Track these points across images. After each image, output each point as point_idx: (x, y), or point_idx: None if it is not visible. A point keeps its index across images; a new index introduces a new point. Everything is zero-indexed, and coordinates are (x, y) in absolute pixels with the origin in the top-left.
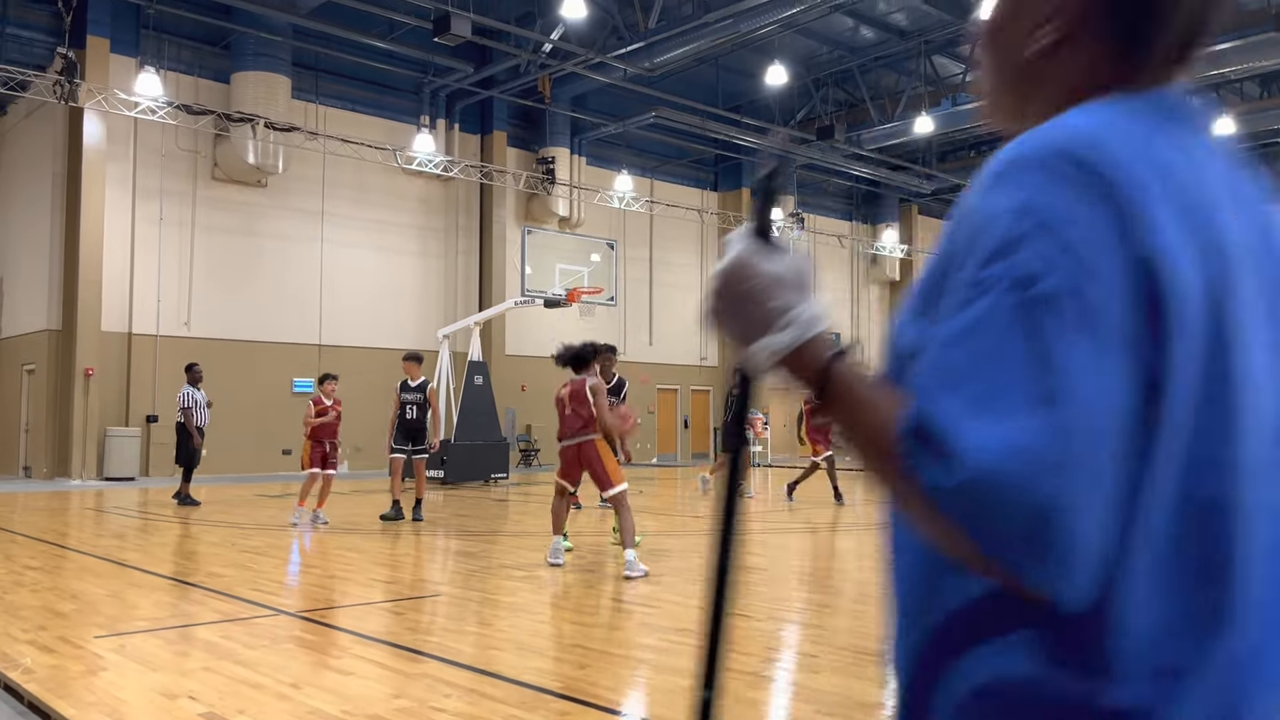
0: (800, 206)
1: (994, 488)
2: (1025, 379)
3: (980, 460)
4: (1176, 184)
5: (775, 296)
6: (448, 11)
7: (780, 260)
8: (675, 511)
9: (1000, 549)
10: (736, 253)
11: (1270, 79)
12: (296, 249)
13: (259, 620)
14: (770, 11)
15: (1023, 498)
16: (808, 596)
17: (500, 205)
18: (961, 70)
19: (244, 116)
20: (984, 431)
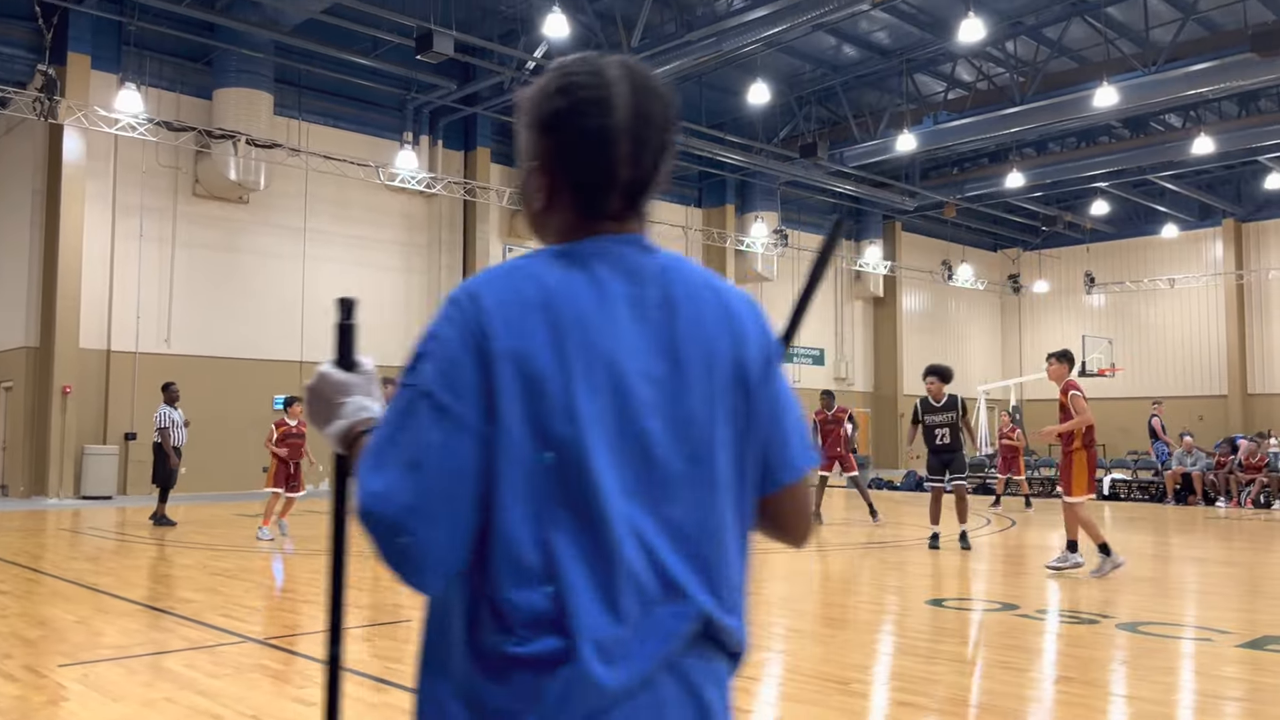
0: (784, 223)
1: (371, 519)
2: (402, 449)
3: (365, 501)
4: (544, 307)
5: (339, 399)
6: (430, 29)
7: (347, 375)
8: None
9: (383, 558)
10: (320, 371)
11: (1247, 99)
12: (278, 266)
13: (225, 648)
14: (753, 30)
15: (387, 527)
16: (778, 621)
17: (484, 221)
18: (943, 89)
19: (225, 133)
20: (371, 482)
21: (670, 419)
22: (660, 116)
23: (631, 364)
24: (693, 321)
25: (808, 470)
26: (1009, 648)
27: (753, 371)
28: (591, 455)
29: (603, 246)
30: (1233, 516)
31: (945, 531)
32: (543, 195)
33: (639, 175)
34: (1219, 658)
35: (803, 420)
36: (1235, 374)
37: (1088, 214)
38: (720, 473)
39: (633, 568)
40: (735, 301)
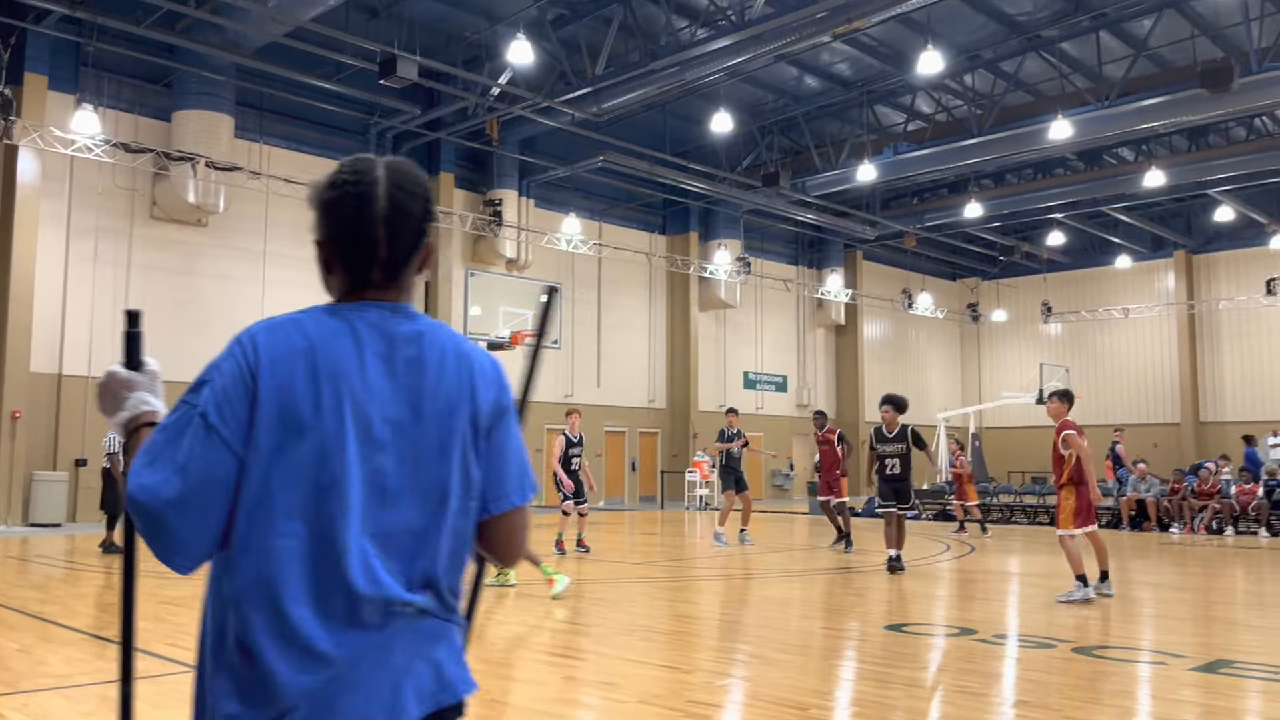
0: (747, 251)
1: (138, 506)
2: (174, 454)
3: (135, 491)
4: (307, 356)
5: (124, 394)
6: (394, 54)
7: (133, 374)
8: (619, 558)
9: (147, 542)
10: (110, 370)
11: (1196, 133)
12: (237, 289)
13: (169, 678)
14: (716, 60)
15: (151, 515)
16: (739, 647)
17: (446, 247)
18: (903, 120)
19: (184, 155)
20: (144, 476)
21: (403, 457)
22: (416, 210)
23: (375, 409)
24: (436, 378)
25: (519, 504)
26: (966, 672)
27: (484, 420)
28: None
29: (365, 310)
30: (1186, 542)
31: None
32: (324, 265)
33: (395, 255)
34: (1174, 681)
35: (525, 462)
36: (1188, 402)
37: (1044, 244)
38: (449, 501)
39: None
40: (478, 362)
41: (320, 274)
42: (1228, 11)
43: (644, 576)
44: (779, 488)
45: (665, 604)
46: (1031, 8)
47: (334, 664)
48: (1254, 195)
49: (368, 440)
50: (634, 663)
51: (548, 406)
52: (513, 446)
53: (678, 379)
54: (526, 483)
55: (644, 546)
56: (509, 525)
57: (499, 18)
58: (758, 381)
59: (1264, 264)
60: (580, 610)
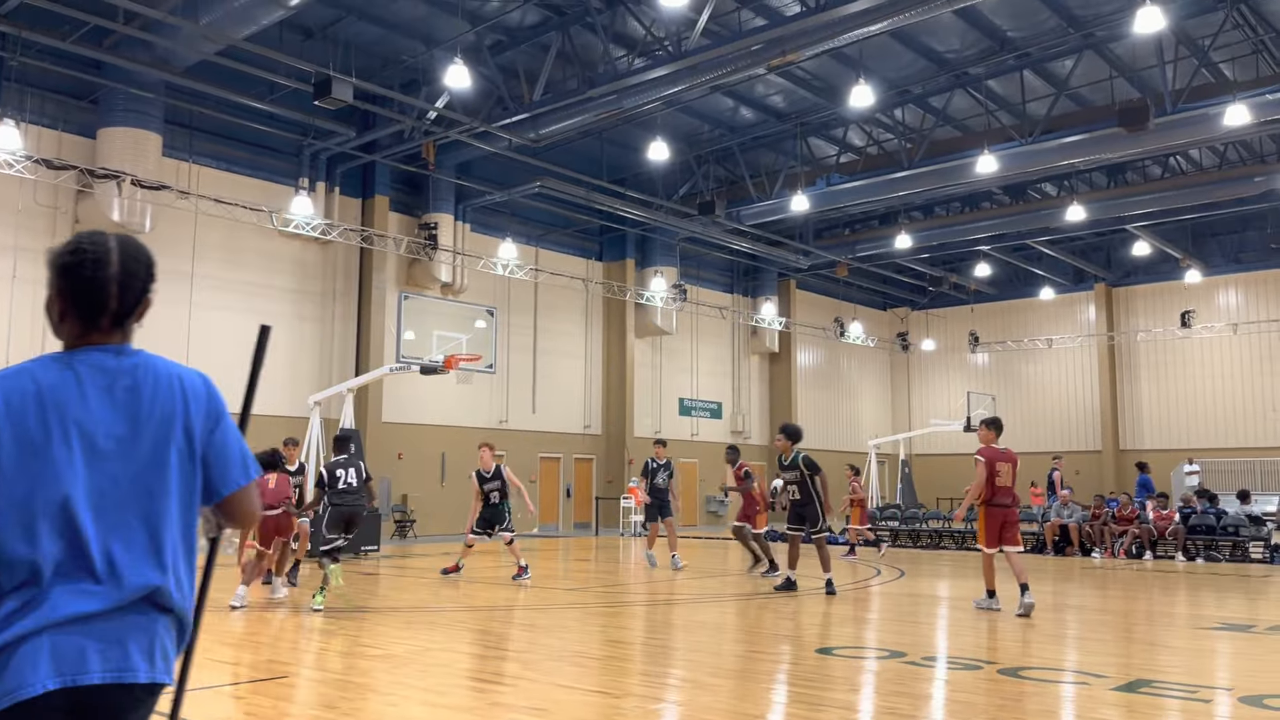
0: (683, 278)
1: None
2: None
3: None
4: (36, 396)
5: None
6: (329, 75)
7: None
8: (552, 585)
9: None
10: None
11: (1115, 170)
12: (162, 311)
13: None
14: (653, 89)
15: None
16: (672, 671)
17: (380, 270)
18: (836, 152)
19: (110, 173)
20: None
21: (127, 462)
22: (140, 274)
23: (99, 430)
24: (151, 400)
25: (244, 483)
26: (896, 694)
27: (198, 427)
28: (68, 489)
29: (89, 354)
30: (1107, 566)
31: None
32: (57, 315)
33: (123, 308)
34: (1096, 700)
35: (245, 452)
36: (1108, 431)
37: (971, 276)
38: (170, 494)
39: (94, 557)
40: (189, 383)
41: (51, 323)
42: (1144, 54)
43: (576, 602)
44: (713, 514)
45: (597, 629)
46: (959, 45)
47: None
48: (1169, 231)
49: (94, 453)
50: (565, 688)
51: (483, 433)
52: (232, 441)
53: (613, 405)
54: (250, 467)
55: (578, 572)
56: (239, 500)
57: (436, 42)
58: (693, 408)
59: (1179, 297)
60: (510, 636)
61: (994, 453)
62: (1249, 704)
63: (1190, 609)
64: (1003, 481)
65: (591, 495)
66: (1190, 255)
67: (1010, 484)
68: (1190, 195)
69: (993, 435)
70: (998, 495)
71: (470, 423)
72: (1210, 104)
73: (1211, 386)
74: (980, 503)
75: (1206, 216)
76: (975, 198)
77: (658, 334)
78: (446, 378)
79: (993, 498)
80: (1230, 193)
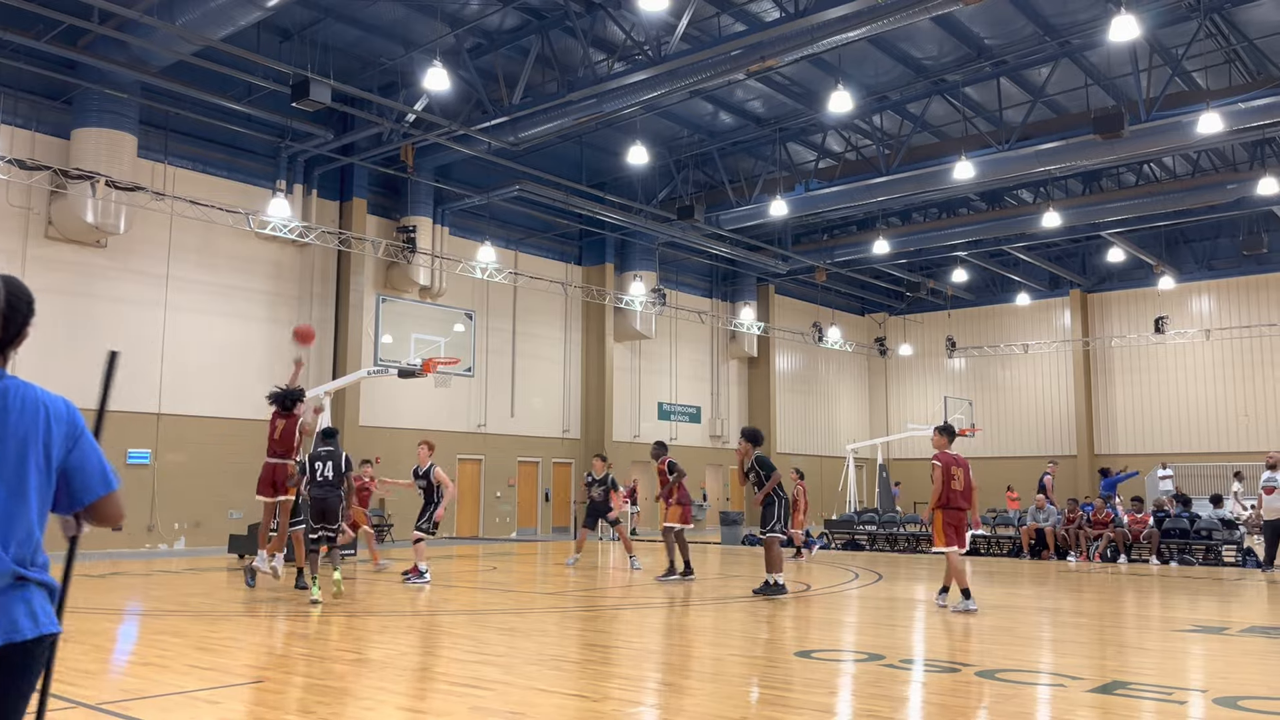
0: (663, 282)
1: None
2: None
3: None
4: None
5: None
6: (307, 77)
7: None
8: (528, 588)
9: None
10: None
11: (1090, 177)
12: (136, 313)
13: (52, 715)
14: (632, 94)
15: None
16: (650, 675)
17: (358, 273)
18: (814, 158)
19: (84, 174)
20: None
21: None
22: (22, 309)
23: None
24: (17, 419)
25: (103, 494)
26: (874, 697)
27: (57, 447)
28: None
29: None
30: (1082, 570)
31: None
32: None
33: (5, 337)
34: (1072, 703)
35: (104, 465)
36: (1083, 435)
37: (949, 281)
38: (30, 497)
39: None
40: (52, 406)
41: None
42: (1119, 62)
43: (555, 607)
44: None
45: (576, 633)
46: (937, 53)
47: None
48: (1143, 238)
49: None
50: (543, 692)
51: (460, 436)
52: (91, 457)
53: (592, 409)
54: (109, 479)
55: (556, 577)
56: (102, 506)
57: (415, 44)
58: (672, 412)
59: (1153, 303)
60: (488, 640)
61: (949, 458)
62: (1223, 705)
63: (1164, 612)
64: (957, 485)
65: (570, 499)
66: (1164, 262)
67: (963, 488)
68: (1164, 202)
69: (945, 441)
70: (953, 499)
71: (449, 426)
72: (1183, 112)
73: (1184, 392)
74: (935, 506)
75: (1180, 223)
76: (952, 204)
77: (637, 338)
78: (424, 381)
79: (949, 501)
80: (1203, 200)
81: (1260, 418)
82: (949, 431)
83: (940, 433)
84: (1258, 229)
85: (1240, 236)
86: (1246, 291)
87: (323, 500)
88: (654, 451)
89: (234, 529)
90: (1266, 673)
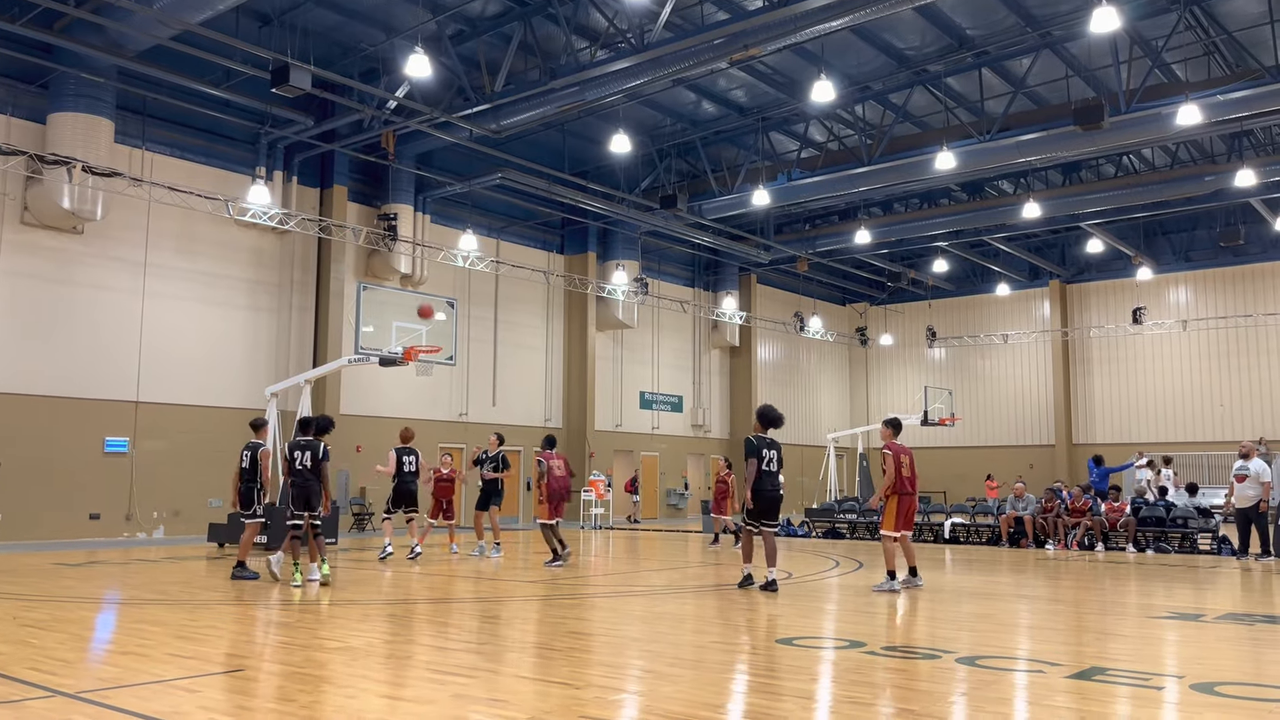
0: (645, 272)
1: None
2: None
3: None
4: None
5: None
6: (286, 63)
7: None
8: (510, 576)
9: None
10: None
11: (1070, 169)
12: (114, 300)
13: (30, 703)
14: (615, 82)
15: None
16: (632, 662)
17: (339, 261)
18: (797, 148)
19: (60, 159)
20: None
21: None
22: None
23: None
24: None
25: None
26: (855, 684)
27: None
28: None
29: None
30: (1060, 557)
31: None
32: None
33: None
34: (1051, 688)
35: None
36: (1062, 425)
37: (929, 271)
38: None
39: None
40: None
41: None
42: (1099, 54)
43: (535, 595)
44: (674, 506)
45: (557, 621)
46: (919, 43)
47: None
48: (1122, 229)
49: None
50: (525, 680)
51: (442, 425)
52: None
53: (574, 398)
54: None
55: (536, 566)
56: None
57: (396, 30)
58: (654, 401)
59: (1131, 294)
60: (470, 628)
61: (898, 448)
62: (1200, 691)
63: (1141, 599)
64: (906, 473)
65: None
66: (1142, 253)
67: (911, 475)
68: (1142, 194)
69: (891, 433)
70: (904, 485)
71: (430, 415)
72: (1163, 104)
73: (1161, 382)
74: (890, 493)
75: (1158, 215)
76: (934, 194)
77: (619, 327)
78: (406, 370)
79: (901, 488)
80: (1181, 191)
81: (1235, 407)
82: (895, 425)
83: (887, 425)
84: (1235, 221)
85: (1217, 228)
86: (1223, 283)
87: (303, 488)
88: (542, 444)
89: (214, 518)
90: (1242, 659)
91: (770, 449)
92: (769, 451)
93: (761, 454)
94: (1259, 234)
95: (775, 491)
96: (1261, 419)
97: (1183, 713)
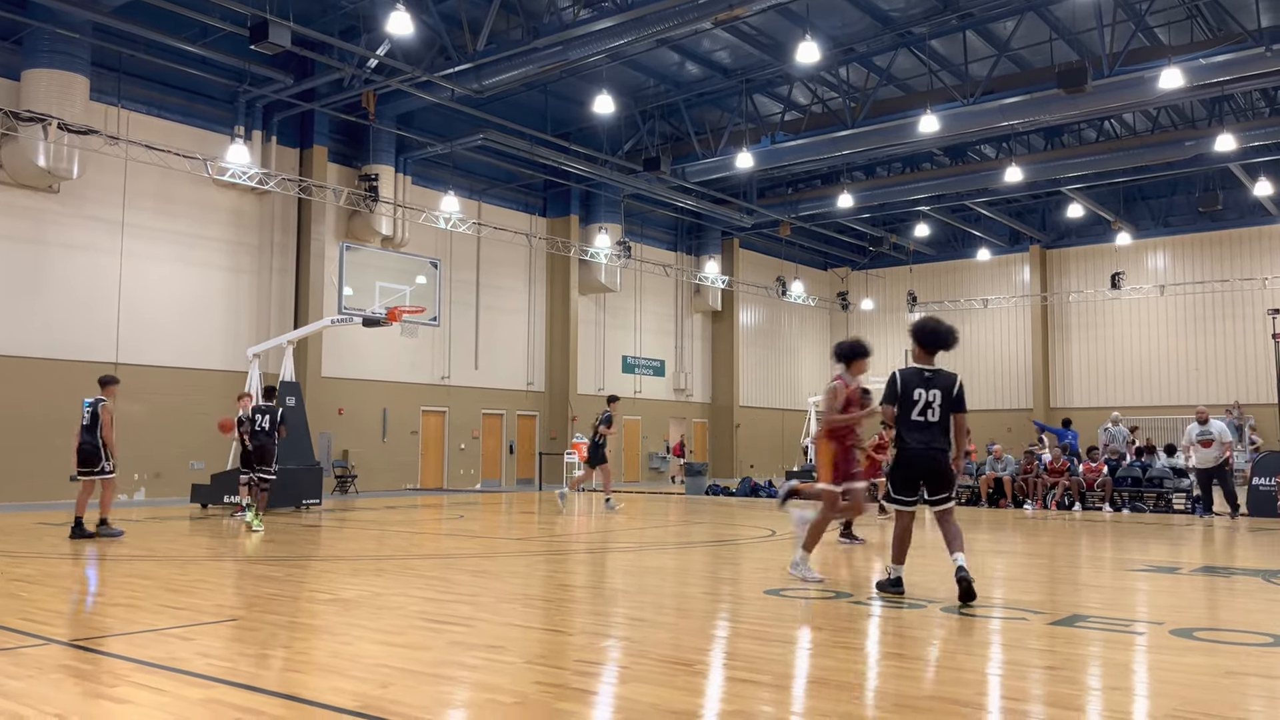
0: (628, 235)
1: None
2: None
3: None
4: None
5: None
6: (265, 19)
7: None
8: (496, 534)
9: None
10: None
11: (1053, 133)
12: (91, 260)
13: (26, 650)
14: (598, 41)
15: None
16: (622, 611)
17: (319, 222)
18: (780, 110)
19: (34, 116)
20: None
21: None
22: None
23: None
24: None
25: None
26: (842, 630)
27: None
28: None
29: None
30: (1039, 517)
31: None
32: None
33: None
34: (1034, 634)
35: None
36: (1039, 388)
37: (911, 236)
38: None
39: None
40: None
41: None
42: (1083, 17)
43: (523, 551)
44: (655, 469)
45: (545, 575)
46: (904, 4)
47: None
48: (1102, 194)
49: None
50: (518, 627)
51: (424, 388)
52: None
53: (557, 362)
54: None
55: (522, 525)
56: None
57: None
58: (636, 365)
59: (1110, 259)
60: (459, 581)
61: None
62: (1180, 635)
63: (1115, 553)
64: None
65: (535, 451)
66: (1121, 218)
67: None
68: (1123, 159)
69: None
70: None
71: (412, 378)
72: (1146, 68)
73: (1139, 346)
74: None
75: (1137, 180)
76: (916, 158)
77: (602, 291)
78: (388, 332)
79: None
80: (1161, 156)
81: (1210, 371)
82: None
83: None
84: (1214, 186)
85: (1196, 194)
86: (1200, 248)
87: (261, 448)
88: None
89: (197, 479)
90: (1217, 607)
91: (927, 387)
92: (923, 392)
93: (913, 395)
94: (1237, 200)
95: (927, 450)
96: (1234, 383)
97: (1165, 654)
